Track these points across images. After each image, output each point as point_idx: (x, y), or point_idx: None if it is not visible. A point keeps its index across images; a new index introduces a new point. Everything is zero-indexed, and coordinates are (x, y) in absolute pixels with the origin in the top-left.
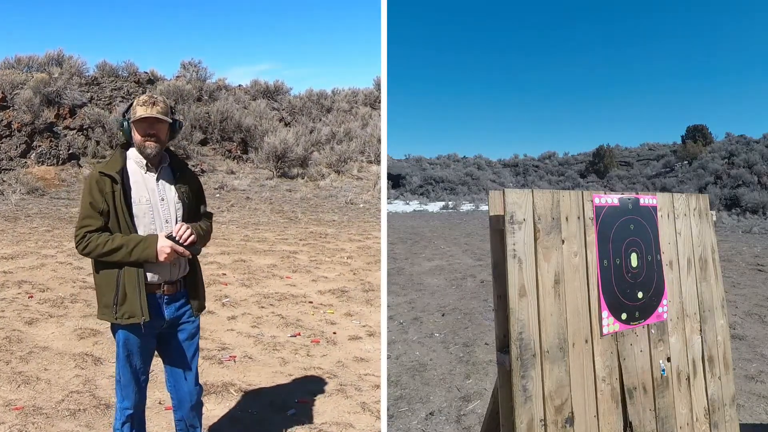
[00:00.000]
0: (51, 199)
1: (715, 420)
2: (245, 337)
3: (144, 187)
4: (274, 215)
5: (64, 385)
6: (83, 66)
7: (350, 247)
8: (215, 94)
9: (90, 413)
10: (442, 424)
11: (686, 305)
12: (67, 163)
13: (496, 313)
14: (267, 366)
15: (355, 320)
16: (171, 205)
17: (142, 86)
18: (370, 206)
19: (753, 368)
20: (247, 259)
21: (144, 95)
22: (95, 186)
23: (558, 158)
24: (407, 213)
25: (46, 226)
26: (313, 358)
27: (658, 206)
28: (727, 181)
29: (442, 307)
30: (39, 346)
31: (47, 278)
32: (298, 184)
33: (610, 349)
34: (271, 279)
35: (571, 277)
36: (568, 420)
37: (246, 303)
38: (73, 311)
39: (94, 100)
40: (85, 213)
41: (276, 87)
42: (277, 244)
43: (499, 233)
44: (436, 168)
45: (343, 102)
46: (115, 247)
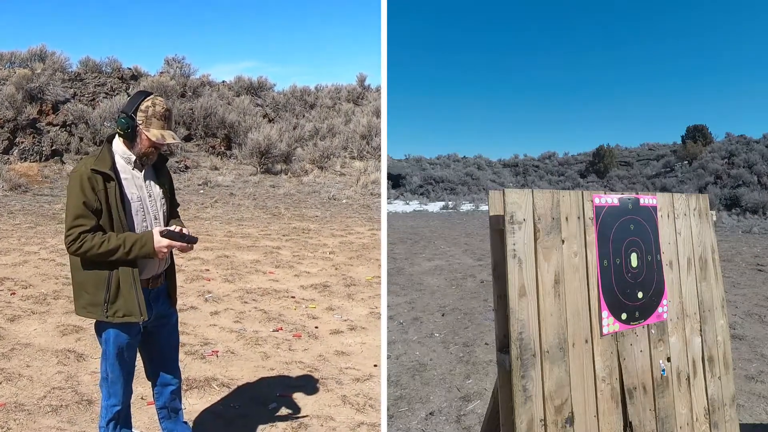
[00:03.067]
0: (34, 195)
1: (715, 420)
2: (228, 333)
3: (133, 184)
4: (258, 211)
5: (47, 381)
6: (66, 62)
7: (333, 243)
8: (199, 90)
9: (72, 409)
10: (442, 424)
11: (686, 305)
12: (50, 160)
13: (496, 313)
14: (249, 360)
15: (337, 314)
16: (157, 201)
17: (126, 82)
18: (353, 202)
19: (753, 368)
20: (231, 255)
21: (158, 103)
22: (87, 183)
23: (558, 158)
24: (407, 213)
25: (29, 222)
26: (295, 352)
27: (658, 206)
28: (727, 181)
29: (442, 307)
30: (21, 343)
31: (30, 275)
32: (281, 179)
33: (610, 349)
34: (254, 274)
35: (571, 277)
36: (568, 420)
37: (229, 298)
38: (55, 308)
39: (77, 96)
40: (78, 212)
41: (260, 83)
42: (260, 239)
43: (499, 233)
44: (436, 168)
45: (327, 98)
46: (112, 248)
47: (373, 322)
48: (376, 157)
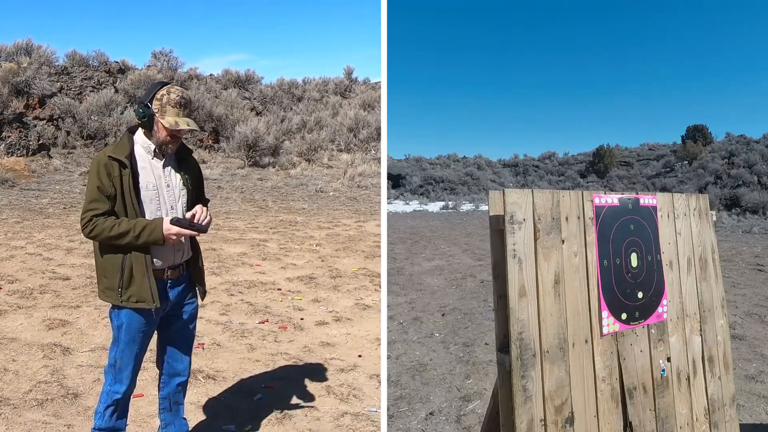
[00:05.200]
0: (21, 190)
1: (715, 420)
2: (214, 325)
3: (151, 173)
4: (245, 204)
5: (32, 375)
6: (53, 55)
7: (319, 235)
8: (186, 83)
9: (58, 403)
10: (442, 424)
11: (686, 305)
12: (37, 154)
13: (496, 313)
14: (235, 353)
15: (323, 306)
16: (176, 191)
17: (113, 76)
18: (339, 194)
19: (753, 368)
20: (218, 248)
21: (174, 91)
22: (103, 170)
23: (558, 158)
24: (407, 213)
25: (16, 217)
26: (281, 343)
27: (658, 206)
28: (727, 181)
29: (442, 307)
30: (7, 338)
31: (16, 269)
32: (269, 172)
33: (610, 349)
34: (240, 267)
35: (571, 277)
36: (568, 420)
37: (215, 291)
38: (42, 302)
39: (64, 90)
40: (92, 196)
41: (247, 76)
42: (247, 232)
43: (499, 233)
44: (436, 168)
45: (314, 91)
46: (122, 232)
47: (358, 314)
48: (363, 150)
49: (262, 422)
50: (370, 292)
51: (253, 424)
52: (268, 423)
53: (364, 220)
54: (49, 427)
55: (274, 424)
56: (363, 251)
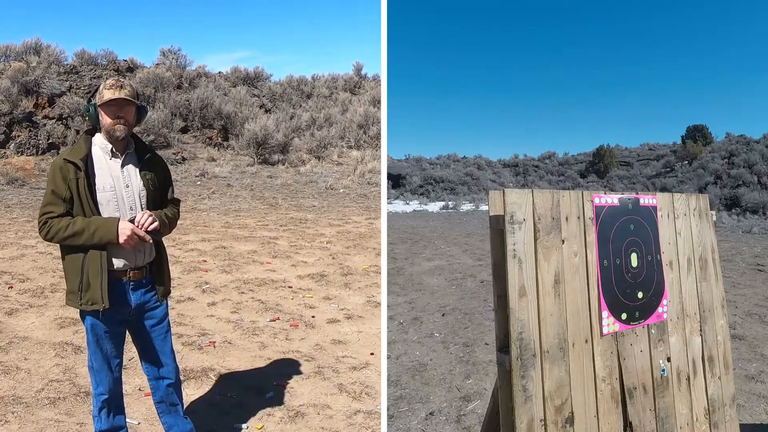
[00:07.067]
0: (31, 189)
1: (715, 420)
2: (225, 323)
3: (108, 173)
4: (255, 202)
5: (44, 374)
6: (61, 54)
7: (330, 232)
8: (195, 81)
9: (70, 401)
10: (442, 424)
11: (686, 305)
12: (46, 153)
13: (496, 313)
14: (246, 350)
15: (334, 304)
16: (135, 191)
17: (122, 74)
18: (350, 191)
19: (753, 368)
20: (228, 246)
21: (110, 79)
22: (58, 173)
23: (558, 158)
24: (407, 213)
25: (26, 216)
26: (292, 341)
27: (658, 206)
28: (727, 181)
29: (442, 307)
30: (19, 336)
31: (27, 268)
32: (278, 170)
33: (610, 349)
34: (251, 265)
35: (571, 277)
36: (568, 420)
37: (226, 289)
38: (53, 301)
39: (73, 89)
40: (48, 200)
41: (256, 73)
42: (257, 230)
43: (499, 233)
44: (436, 168)
45: (323, 88)
46: (77, 231)
47: (369, 311)
48: (373, 147)
49: (273, 420)
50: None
51: (264, 423)
52: (280, 421)
53: (374, 217)
54: (61, 425)
55: (286, 422)
56: (374, 248)
